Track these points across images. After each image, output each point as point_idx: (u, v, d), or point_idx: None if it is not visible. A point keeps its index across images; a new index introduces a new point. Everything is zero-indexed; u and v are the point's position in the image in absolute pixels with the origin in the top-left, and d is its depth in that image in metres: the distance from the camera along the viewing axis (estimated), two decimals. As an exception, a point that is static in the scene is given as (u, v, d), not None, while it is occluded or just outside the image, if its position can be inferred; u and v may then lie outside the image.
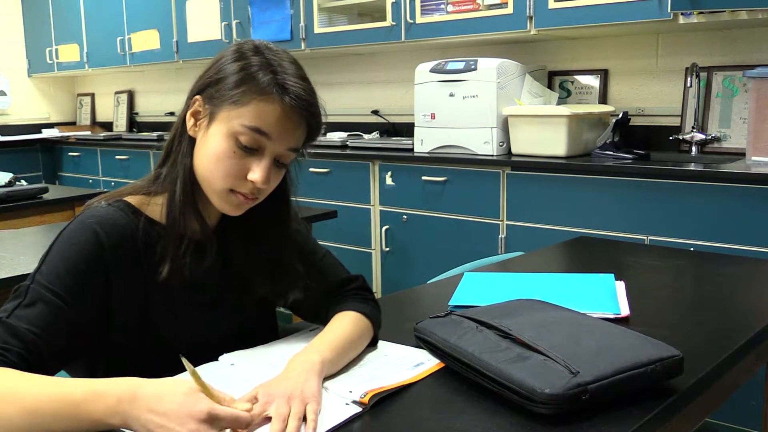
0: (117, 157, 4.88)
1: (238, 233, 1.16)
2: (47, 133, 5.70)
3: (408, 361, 1.11)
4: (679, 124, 3.00)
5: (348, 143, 3.70)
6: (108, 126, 5.98)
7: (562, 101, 3.29)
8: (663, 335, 1.07)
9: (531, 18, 2.97)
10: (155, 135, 4.91)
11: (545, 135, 2.89)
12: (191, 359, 1.08)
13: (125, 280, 1.05)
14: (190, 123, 1.09)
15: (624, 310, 1.30)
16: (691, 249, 2.33)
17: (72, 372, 1.12)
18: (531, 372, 0.92)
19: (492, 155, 3.01)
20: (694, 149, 2.90)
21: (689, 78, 2.83)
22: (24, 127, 5.82)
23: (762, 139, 2.53)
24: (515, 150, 3.00)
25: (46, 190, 3.04)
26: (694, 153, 2.90)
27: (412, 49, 3.76)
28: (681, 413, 1.00)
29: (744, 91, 2.82)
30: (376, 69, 4.10)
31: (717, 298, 1.47)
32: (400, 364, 1.10)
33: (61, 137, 5.52)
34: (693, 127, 2.90)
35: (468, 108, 3.07)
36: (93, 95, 6.16)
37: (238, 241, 1.16)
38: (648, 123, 3.11)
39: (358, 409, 0.94)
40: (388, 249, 3.33)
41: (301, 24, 3.84)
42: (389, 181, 3.29)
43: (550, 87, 3.33)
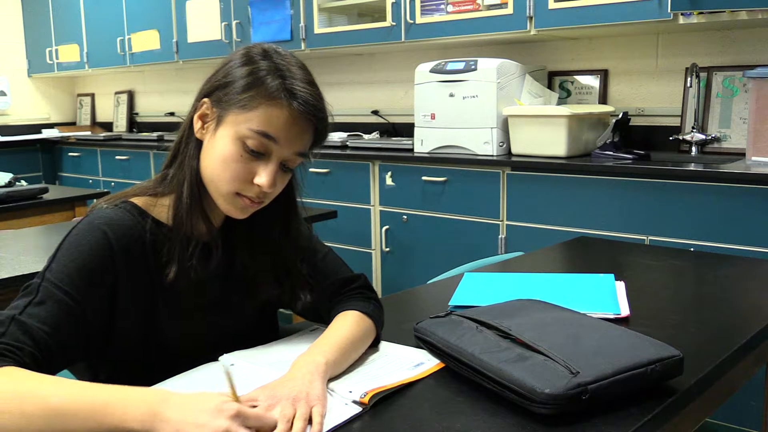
0: (117, 158, 4.88)
1: (242, 235, 1.16)
2: (47, 134, 5.71)
3: (408, 361, 1.11)
4: (679, 124, 3.00)
5: (348, 143, 3.70)
6: (108, 126, 5.98)
7: (562, 101, 3.29)
8: (663, 335, 1.07)
9: (531, 18, 2.97)
10: (155, 135, 4.91)
11: (545, 135, 2.89)
12: (192, 359, 1.09)
13: (132, 281, 1.05)
14: (197, 125, 1.09)
15: (624, 310, 1.31)
16: (691, 249, 2.33)
17: (74, 372, 1.12)
18: (531, 372, 0.92)
19: (492, 155, 3.01)
20: (694, 149, 2.90)
21: (689, 78, 2.84)
22: (24, 128, 5.82)
23: (762, 139, 2.53)
24: (515, 150, 3.00)
25: (46, 190, 3.04)
26: (694, 153, 2.90)
27: (412, 49, 3.76)
28: (681, 413, 1.00)
29: (744, 92, 2.82)
30: (376, 69, 4.10)
31: (717, 298, 1.47)
32: (400, 364, 1.10)
33: (61, 137, 5.52)
34: (693, 128, 2.90)
35: (468, 108, 3.07)
36: (93, 95, 6.16)
37: (242, 243, 1.17)
38: (648, 123, 3.11)
39: (358, 409, 0.94)
40: (388, 249, 3.33)
41: (301, 24, 3.84)
42: (389, 182, 3.29)
43: (550, 87, 3.33)
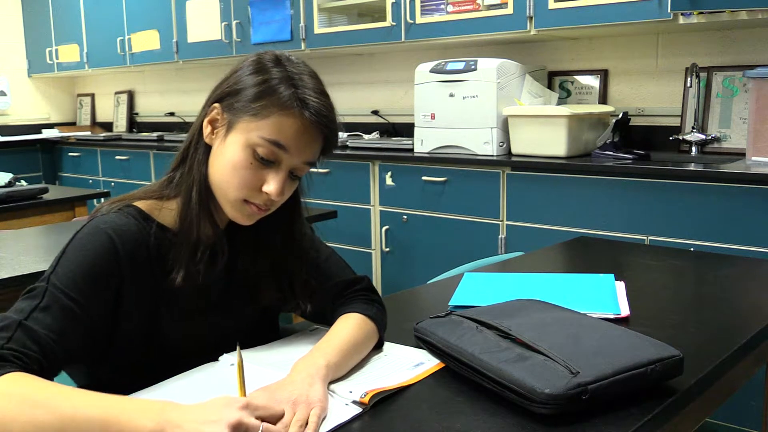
0: (117, 158, 4.88)
1: (246, 239, 1.16)
2: (47, 134, 5.71)
3: (408, 361, 1.11)
4: (679, 124, 3.00)
5: (348, 143, 3.70)
6: (108, 126, 5.98)
7: (562, 101, 3.29)
8: (663, 335, 1.07)
9: (531, 18, 2.97)
10: (155, 135, 4.91)
11: (545, 135, 2.89)
12: (192, 360, 1.09)
13: (136, 285, 1.05)
14: (206, 130, 1.09)
15: (624, 310, 1.31)
16: (691, 249, 2.33)
17: (74, 372, 1.12)
18: (531, 372, 0.92)
19: (492, 155, 3.01)
20: (694, 149, 2.90)
21: (689, 78, 2.84)
22: (24, 128, 5.82)
23: (762, 139, 2.53)
24: (515, 150, 3.00)
25: (46, 190, 3.04)
26: (694, 153, 2.90)
27: (412, 49, 3.76)
28: (681, 413, 1.01)
29: (744, 92, 2.82)
30: (376, 69, 4.11)
31: (717, 298, 1.47)
32: (400, 364, 1.10)
33: (61, 137, 5.52)
34: (693, 128, 2.90)
35: (468, 108, 3.07)
36: (93, 95, 6.16)
37: (245, 247, 1.17)
38: (648, 123, 3.11)
39: (358, 410, 0.94)
40: (388, 249, 3.33)
41: (301, 24, 3.84)
42: (389, 182, 3.29)
43: (550, 87, 3.33)
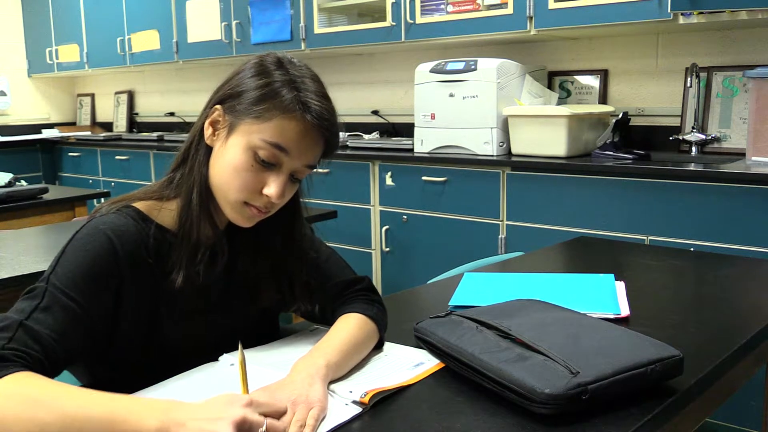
0: (117, 158, 4.89)
1: (245, 240, 1.16)
2: (47, 134, 5.71)
3: (408, 361, 1.11)
4: (679, 124, 3.00)
5: (348, 143, 3.70)
6: (108, 126, 5.98)
7: (562, 101, 3.29)
8: (663, 335, 1.07)
9: (531, 18, 2.97)
10: (155, 135, 4.92)
11: (545, 135, 2.89)
12: (192, 360, 1.09)
13: (136, 286, 1.05)
14: (208, 132, 1.09)
15: (624, 310, 1.31)
16: (691, 249, 2.33)
17: (73, 372, 1.12)
18: (531, 372, 0.92)
19: (492, 155, 3.01)
20: (694, 149, 2.90)
21: (689, 78, 2.84)
22: (24, 128, 5.82)
23: (762, 139, 2.53)
24: (515, 150, 3.00)
25: (46, 190, 3.04)
26: (694, 153, 2.90)
27: (412, 49, 3.76)
28: (681, 413, 1.01)
29: (744, 91, 2.82)
30: (376, 69, 4.11)
31: (717, 298, 1.47)
32: (400, 364, 1.10)
33: (61, 137, 5.52)
34: (693, 128, 2.90)
35: (468, 108, 3.07)
36: (93, 95, 6.16)
37: (245, 248, 1.17)
38: (648, 123, 3.11)
39: (358, 410, 0.94)
40: (388, 249, 3.33)
41: (301, 24, 3.84)
42: (389, 182, 3.29)
43: (550, 87, 3.33)
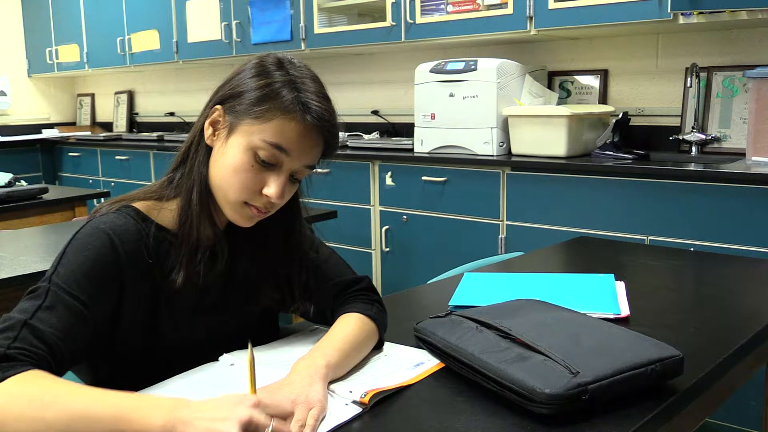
0: (117, 158, 4.89)
1: (245, 240, 1.16)
2: (47, 134, 5.71)
3: (408, 361, 1.11)
4: (679, 124, 3.00)
5: (348, 143, 3.70)
6: (108, 126, 5.98)
7: (562, 101, 3.29)
8: (663, 335, 1.07)
9: (531, 18, 2.97)
10: (155, 135, 4.92)
11: (545, 135, 2.89)
12: (192, 359, 1.09)
13: (136, 285, 1.05)
14: (208, 132, 1.09)
15: (624, 310, 1.31)
16: (691, 249, 2.33)
17: (74, 371, 1.12)
18: (531, 372, 0.92)
19: (492, 155, 3.01)
20: (694, 149, 2.90)
21: (689, 78, 2.84)
22: (24, 128, 5.82)
23: (762, 139, 2.53)
24: (515, 150, 3.00)
25: (46, 190, 3.04)
26: (694, 153, 2.90)
27: (412, 49, 3.76)
28: (681, 413, 1.00)
29: (744, 91, 2.82)
30: (376, 69, 4.11)
31: (717, 298, 1.47)
32: (400, 364, 1.10)
33: (61, 137, 5.52)
34: (693, 128, 2.90)
35: (468, 108, 3.07)
36: (93, 95, 6.16)
37: (245, 248, 1.17)
38: (648, 123, 3.11)
39: (358, 410, 0.94)
40: (388, 249, 3.33)
41: (301, 24, 3.84)
42: (389, 181, 3.29)
43: (550, 87, 3.33)
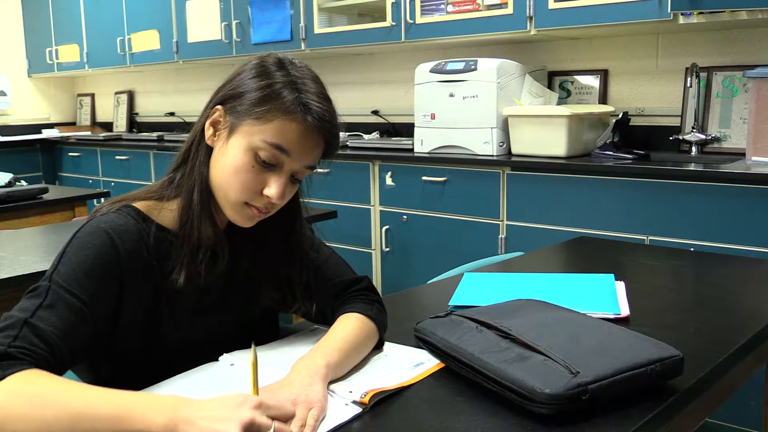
0: (117, 158, 4.89)
1: (246, 240, 1.16)
2: (47, 134, 5.71)
3: (408, 361, 1.11)
4: (679, 124, 3.00)
5: (348, 143, 3.70)
6: (108, 126, 5.98)
7: (562, 101, 3.29)
8: (663, 335, 1.07)
9: (531, 18, 2.97)
10: (155, 135, 4.92)
11: (545, 135, 2.89)
12: (193, 359, 1.09)
13: (137, 285, 1.05)
14: (208, 132, 1.09)
15: (624, 310, 1.31)
16: (691, 249, 2.33)
17: (75, 371, 1.12)
18: (531, 372, 0.92)
19: (492, 155, 3.01)
20: (694, 149, 2.90)
21: (689, 78, 2.84)
22: (24, 128, 5.82)
23: (762, 139, 2.53)
24: (515, 150, 3.00)
25: (46, 190, 3.04)
26: (694, 153, 2.90)
27: (412, 49, 3.76)
28: (681, 413, 1.00)
29: (744, 91, 2.82)
30: (376, 69, 4.11)
31: (717, 298, 1.47)
32: (400, 364, 1.10)
33: (61, 137, 5.52)
34: (693, 128, 2.90)
35: (468, 108, 3.07)
36: (93, 95, 6.16)
37: (245, 248, 1.17)
38: (648, 123, 3.11)
39: (358, 410, 0.94)
40: (388, 249, 3.33)
41: (301, 24, 3.84)
42: (389, 181, 3.29)
43: (550, 87, 3.33)
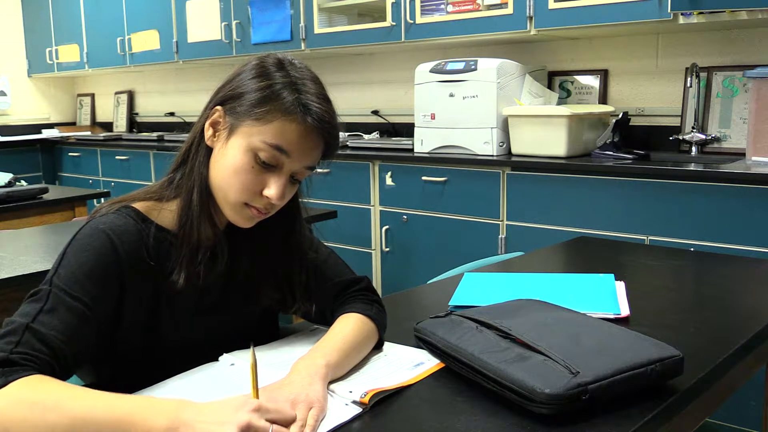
0: (117, 158, 4.89)
1: (245, 240, 1.16)
2: (47, 134, 5.71)
3: (408, 361, 1.11)
4: (679, 124, 3.00)
5: (348, 143, 3.70)
6: (108, 126, 5.98)
7: (562, 101, 3.29)
8: (663, 335, 1.07)
9: (531, 18, 2.97)
10: (155, 135, 4.92)
11: (545, 135, 2.89)
12: (193, 359, 1.09)
13: (137, 285, 1.05)
14: (208, 133, 1.09)
15: (624, 310, 1.31)
16: (691, 249, 2.33)
17: (76, 373, 1.12)
18: (531, 372, 0.92)
19: (492, 155, 3.01)
20: (694, 149, 2.90)
21: (689, 78, 2.84)
22: (24, 128, 5.82)
23: (762, 139, 2.53)
24: (515, 150, 3.00)
25: (46, 190, 3.04)
26: (694, 153, 2.90)
27: (412, 49, 3.76)
28: (681, 413, 1.00)
29: (744, 91, 2.82)
30: (376, 69, 4.11)
31: (717, 298, 1.47)
32: (400, 364, 1.10)
33: (61, 137, 5.52)
34: (693, 128, 2.90)
35: (468, 108, 3.07)
36: (93, 95, 6.16)
37: (245, 248, 1.17)
38: (648, 123, 3.11)
39: (358, 410, 0.94)
40: (388, 249, 3.33)
41: (301, 24, 3.84)
42: (389, 181, 3.29)
43: (550, 87, 3.33)
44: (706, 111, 2.92)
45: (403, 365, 1.09)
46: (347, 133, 3.89)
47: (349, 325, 1.13)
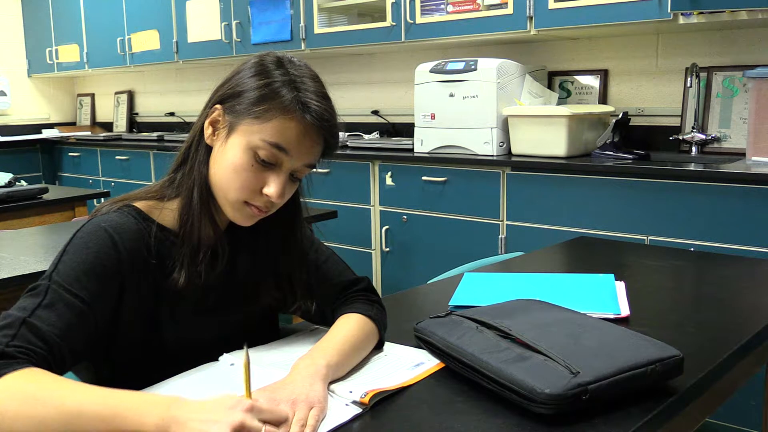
0: (117, 158, 4.89)
1: (246, 239, 1.17)
2: (47, 134, 5.71)
3: (408, 361, 1.11)
4: (679, 124, 3.00)
5: (348, 143, 3.70)
6: (108, 126, 5.98)
7: (562, 101, 3.29)
8: (663, 335, 1.07)
9: (531, 18, 2.97)
10: (155, 135, 4.92)
11: (545, 135, 2.89)
12: (192, 359, 1.09)
13: (137, 284, 1.05)
14: (208, 132, 1.09)
15: (624, 310, 1.31)
16: (691, 249, 2.33)
17: (75, 371, 1.12)
18: (531, 372, 0.92)
19: (492, 155, 3.01)
20: (694, 149, 2.90)
21: (689, 78, 2.84)
22: (24, 128, 5.82)
23: (762, 139, 2.53)
24: (515, 150, 3.00)
25: (46, 190, 3.04)
26: (694, 153, 2.90)
27: (412, 49, 3.76)
28: (681, 413, 1.00)
29: (744, 91, 2.82)
30: (376, 69, 4.11)
31: (717, 298, 1.47)
32: (400, 364, 1.10)
33: (61, 137, 5.52)
34: (693, 128, 2.90)
35: (468, 108, 3.07)
36: (93, 95, 6.16)
37: (246, 248, 1.17)
38: (648, 123, 3.11)
39: (358, 410, 0.94)
40: (388, 249, 3.33)
41: (301, 24, 3.84)
42: (389, 181, 3.29)
43: (550, 87, 3.33)
44: (706, 111, 2.92)
45: (403, 365, 1.09)
46: (347, 133, 3.89)
47: (350, 326, 1.13)
